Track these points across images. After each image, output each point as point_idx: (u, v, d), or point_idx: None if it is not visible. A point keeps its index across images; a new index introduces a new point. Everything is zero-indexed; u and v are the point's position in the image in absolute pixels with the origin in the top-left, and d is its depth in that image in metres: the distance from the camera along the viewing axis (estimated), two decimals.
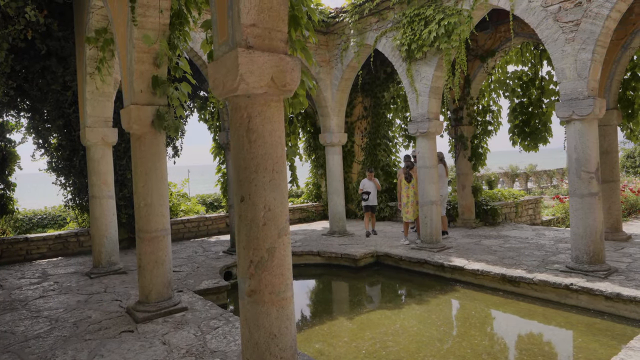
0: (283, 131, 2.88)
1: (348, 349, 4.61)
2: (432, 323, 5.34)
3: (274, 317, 2.78)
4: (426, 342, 4.70)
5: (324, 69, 9.52)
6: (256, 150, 2.75)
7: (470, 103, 9.91)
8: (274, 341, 2.78)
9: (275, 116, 2.82)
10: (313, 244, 8.83)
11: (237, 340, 4.05)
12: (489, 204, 10.30)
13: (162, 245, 4.87)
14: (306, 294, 7.17)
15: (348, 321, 5.49)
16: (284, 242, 2.84)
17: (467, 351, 4.44)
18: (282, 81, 2.78)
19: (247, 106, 2.75)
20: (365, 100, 12.50)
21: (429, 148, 7.73)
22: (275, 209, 2.80)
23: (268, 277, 2.77)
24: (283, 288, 2.82)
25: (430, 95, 7.55)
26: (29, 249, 8.69)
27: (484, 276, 6.29)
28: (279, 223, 2.81)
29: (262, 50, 2.72)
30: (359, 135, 12.85)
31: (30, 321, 4.88)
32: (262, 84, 2.71)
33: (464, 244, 8.20)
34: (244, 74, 2.63)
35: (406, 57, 7.73)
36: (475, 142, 10.12)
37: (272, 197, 2.78)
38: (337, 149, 9.75)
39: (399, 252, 7.73)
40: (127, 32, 4.68)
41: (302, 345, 4.76)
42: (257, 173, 2.76)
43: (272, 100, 2.80)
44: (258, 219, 2.76)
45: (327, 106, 9.62)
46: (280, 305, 2.80)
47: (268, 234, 2.77)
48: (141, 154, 4.79)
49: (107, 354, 3.88)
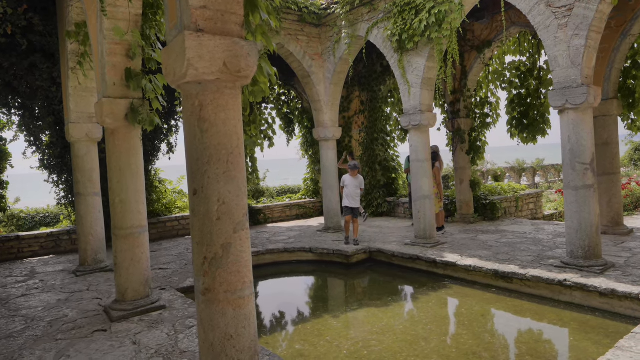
0: (240, 120, 2.72)
1: (329, 348, 4.45)
2: (419, 321, 5.16)
3: (230, 317, 2.63)
4: (411, 341, 4.53)
5: (316, 63, 9.33)
6: (209, 140, 2.60)
7: (467, 95, 9.66)
8: (230, 342, 2.63)
9: (230, 104, 2.65)
10: (306, 241, 8.67)
11: None
12: (488, 198, 10.06)
13: (138, 242, 4.74)
14: (295, 292, 7.02)
15: (333, 320, 5.32)
16: (241, 238, 2.68)
17: (452, 351, 4.26)
18: (236, 67, 2.61)
19: (199, 94, 2.59)
20: (362, 94, 12.28)
21: (422, 141, 7.52)
22: (231, 202, 2.64)
23: (223, 274, 2.62)
24: (240, 286, 2.67)
25: (422, 87, 7.34)
26: (21, 247, 8.63)
27: (477, 272, 6.09)
28: (235, 217, 2.66)
29: (213, 34, 2.56)
30: (357, 130, 12.64)
31: (6, 320, 4.79)
32: (214, 70, 2.54)
33: (460, 239, 7.99)
34: (191, 58, 2.47)
35: (397, 48, 7.52)
36: (473, 135, 9.88)
37: (226, 189, 2.63)
38: (331, 144, 9.57)
39: (391, 248, 7.55)
40: (98, 23, 4.54)
41: (282, 345, 4.62)
42: (209, 164, 2.60)
43: (226, 87, 2.64)
44: (211, 213, 2.61)
45: (320, 100, 9.44)
46: (237, 304, 2.64)
47: (222, 229, 2.62)
48: (115, 149, 4.66)
49: (74, 354, 3.76)
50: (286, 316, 5.73)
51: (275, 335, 4.98)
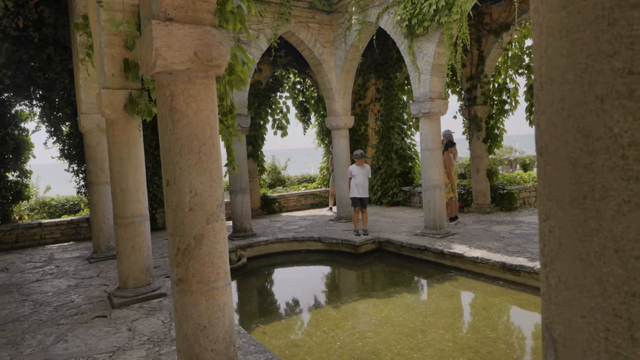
0: (213, 110, 2.69)
1: (324, 339, 4.44)
2: (419, 313, 5.07)
3: (203, 308, 2.63)
4: (407, 334, 4.46)
5: (327, 50, 9.20)
6: (180, 131, 2.58)
7: (484, 81, 9.33)
8: (204, 333, 2.63)
9: (202, 94, 2.62)
10: (316, 230, 8.66)
11: None
12: (505, 188, 9.75)
13: (138, 231, 4.83)
14: (299, 281, 7.03)
15: (333, 310, 5.30)
16: (214, 229, 2.67)
17: (448, 344, 4.17)
18: (208, 56, 2.58)
19: (170, 84, 2.57)
20: (378, 81, 12.05)
21: (431, 130, 7.32)
22: (203, 193, 2.63)
23: (196, 265, 2.62)
24: (213, 278, 2.66)
25: (432, 73, 7.12)
26: (43, 234, 8.98)
27: (484, 264, 5.92)
28: (208, 209, 2.64)
29: (183, 23, 2.52)
30: (373, 118, 12.46)
31: (17, 304, 4.99)
32: (183, 59, 2.51)
33: (472, 230, 7.79)
34: (159, 48, 2.44)
35: (407, 33, 7.30)
36: (490, 122, 9.56)
37: (198, 180, 2.61)
38: (343, 133, 9.45)
39: (400, 238, 7.44)
40: (96, 14, 4.58)
41: (278, 335, 4.64)
42: (181, 155, 2.59)
43: (198, 77, 2.61)
44: (184, 204, 2.60)
45: (331, 88, 9.32)
46: (210, 295, 2.64)
47: (195, 220, 2.61)
48: (115, 139, 4.73)
49: (71, 339, 3.88)
50: (287, 305, 5.76)
51: (273, 325, 5.01)
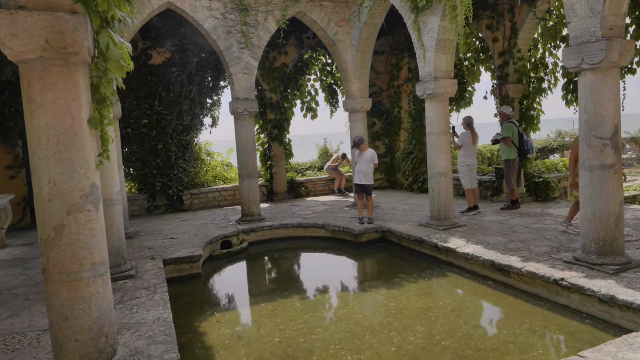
0: (76, 99, 2.62)
1: (270, 332, 4.31)
2: (386, 311, 4.73)
3: (65, 299, 2.63)
4: (357, 333, 4.17)
5: (342, 29, 8.78)
6: (37, 121, 2.56)
7: (517, 57, 8.34)
8: (67, 323, 2.64)
9: (60, 83, 2.57)
10: (326, 217, 8.46)
11: (139, 314, 4.02)
12: (542, 176, 8.75)
13: (107, 214, 5.00)
14: (288, 270, 6.86)
15: (299, 302, 5.13)
16: (77, 220, 2.64)
17: (390, 349, 3.83)
18: (61, 43, 2.50)
19: (26, 73, 2.55)
20: (411, 61, 11.33)
21: (437, 112, 6.71)
22: (63, 184, 2.60)
23: (57, 256, 2.62)
24: (76, 269, 2.64)
25: (437, 50, 6.47)
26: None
27: (475, 262, 5.37)
28: (69, 200, 2.61)
29: (34, 10, 2.47)
30: (406, 100, 11.78)
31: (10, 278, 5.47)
32: (33, 48, 2.47)
33: (486, 222, 7.10)
34: (3, 38, 2.42)
35: (413, 7, 6.69)
36: (525, 103, 8.57)
37: (57, 171, 2.58)
38: (360, 116, 9.04)
39: (401, 229, 7.00)
40: None
41: (229, 325, 4.58)
42: (39, 146, 2.57)
43: (54, 65, 2.55)
44: (43, 195, 2.59)
45: (347, 70, 8.91)
46: (72, 287, 2.63)
47: (55, 211, 2.60)
48: None
49: (24, 315, 4.15)
50: (258, 294, 5.68)
51: (232, 313, 4.98)
